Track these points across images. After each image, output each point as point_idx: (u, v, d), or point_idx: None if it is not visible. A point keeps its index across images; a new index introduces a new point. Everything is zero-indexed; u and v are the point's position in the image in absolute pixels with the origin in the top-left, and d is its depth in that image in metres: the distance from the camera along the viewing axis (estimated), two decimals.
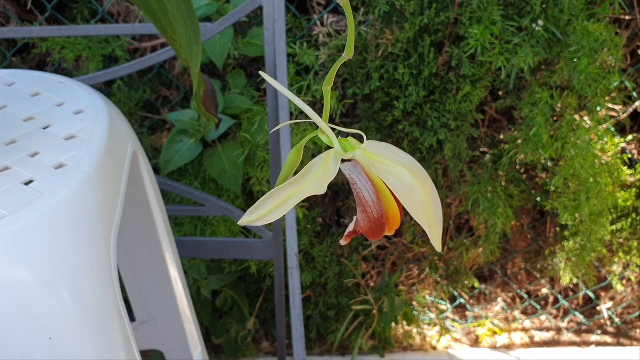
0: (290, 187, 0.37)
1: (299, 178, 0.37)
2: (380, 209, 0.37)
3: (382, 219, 0.37)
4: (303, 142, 0.39)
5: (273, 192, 0.37)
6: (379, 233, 0.38)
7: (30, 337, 0.47)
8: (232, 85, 1.18)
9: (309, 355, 1.42)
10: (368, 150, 0.38)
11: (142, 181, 0.77)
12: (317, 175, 0.37)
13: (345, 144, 0.38)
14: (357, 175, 0.38)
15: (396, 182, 0.37)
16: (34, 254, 0.47)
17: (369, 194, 0.37)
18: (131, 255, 0.85)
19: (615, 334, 1.49)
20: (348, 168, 0.38)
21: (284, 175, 0.40)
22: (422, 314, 1.45)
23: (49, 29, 0.98)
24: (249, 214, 0.38)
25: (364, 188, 0.38)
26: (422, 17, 1.03)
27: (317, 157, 0.38)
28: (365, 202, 0.38)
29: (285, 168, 0.40)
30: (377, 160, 0.37)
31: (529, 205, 1.30)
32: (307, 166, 0.38)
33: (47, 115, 0.64)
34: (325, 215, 1.34)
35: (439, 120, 1.09)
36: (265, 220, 0.38)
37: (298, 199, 0.37)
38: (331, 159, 0.38)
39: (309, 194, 0.37)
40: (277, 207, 0.37)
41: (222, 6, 1.11)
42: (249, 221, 0.38)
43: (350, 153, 0.38)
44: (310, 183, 0.37)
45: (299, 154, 0.40)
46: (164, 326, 0.91)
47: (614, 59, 1.04)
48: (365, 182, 0.38)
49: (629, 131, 1.24)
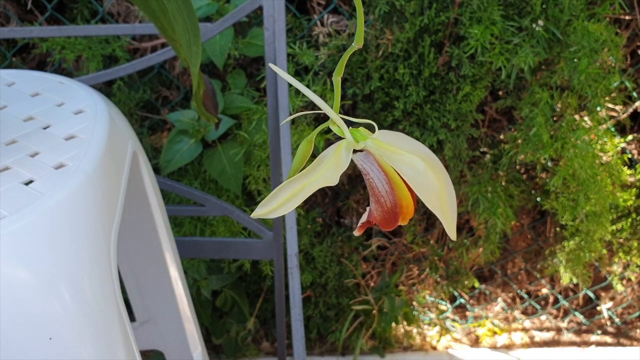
0: (303, 178, 0.37)
1: (310, 169, 0.37)
2: (393, 198, 0.37)
3: (395, 209, 0.37)
4: (314, 133, 0.39)
5: (285, 185, 0.37)
6: (393, 223, 0.38)
7: (30, 337, 0.47)
8: (232, 85, 1.18)
9: (309, 355, 1.42)
10: (380, 139, 0.38)
11: (142, 181, 0.77)
12: (329, 166, 0.37)
13: (356, 134, 0.38)
14: (369, 165, 0.37)
15: (409, 170, 0.36)
16: (34, 254, 0.47)
17: (382, 184, 0.37)
18: (131, 255, 0.85)
19: (615, 334, 1.49)
20: (360, 158, 0.38)
21: (295, 167, 0.40)
22: (422, 314, 1.45)
23: (49, 29, 0.98)
24: (261, 206, 0.37)
25: (377, 178, 0.37)
26: (422, 17, 1.03)
27: (329, 147, 0.38)
28: (378, 192, 0.37)
29: (296, 160, 0.40)
30: (390, 149, 0.37)
31: (529, 205, 1.30)
32: (319, 157, 0.37)
33: (47, 115, 0.64)
34: (325, 215, 1.33)
35: (439, 120, 1.09)
36: (278, 213, 0.37)
37: (310, 191, 0.37)
38: (343, 149, 0.38)
39: (321, 185, 0.37)
40: (290, 199, 0.37)
41: (222, 6, 1.11)
42: (261, 214, 0.37)
43: (361, 143, 0.37)
44: (323, 174, 0.37)
45: (310, 145, 0.40)
46: (164, 326, 0.91)
47: (614, 59, 1.04)
48: (377, 171, 0.37)
49: (629, 131, 1.24)
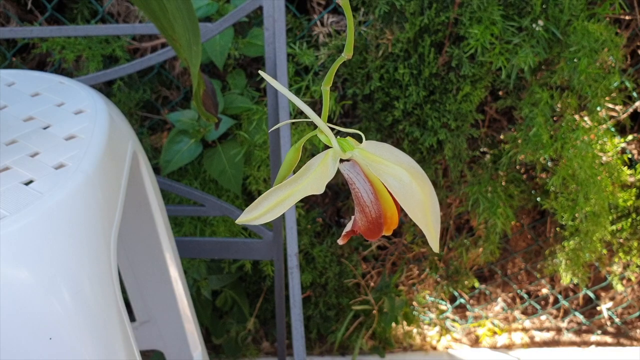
0: (289, 186, 0.37)
1: (297, 177, 0.37)
2: (378, 209, 0.37)
3: (379, 219, 0.37)
4: (301, 141, 0.39)
5: (271, 191, 0.37)
6: (377, 233, 0.38)
7: (30, 337, 0.47)
8: (232, 85, 1.18)
9: (309, 355, 1.42)
10: (366, 150, 0.38)
11: (142, 181, 0.77)
12: (315, 174, 0.37)
13: (343, 143, 0.38)
14: (355, 175, 0.38)
15: (394, 182, 0.37)
16: (34, 254, 0.47)
17: (367, 194, 0.37)
18: (131, 255, 0.85)
19: (615, 334, 1.49)
20: (346, 168, 0.38)
21: (282, 174, 0.40)
22: (422, 314, 1.45)
23: (49, 29, 0.98)
24: (246, 212, 0.38)
25: (362, 188, 0.37)
26: (422, 17, 1.03)
27: (316, 156, 0.38)
28: (363, 201, 0.37)
29: (284, 167, 0.40)
30: (376, 160, 0.37)
31: (529, 205, 1.30)
32: (306, 165, 0.37)
33: (47, 115, 0.64)
34: (325, 215, 1.33)
35: (439, 120, 1.09)
36: (263, 219, 0.38)
37: (296, 199, 0.37)
38: (330, 158, 0.38)
39: (307, 193, 0.37)
40: (275, 206, 0.37)
41: (222, 6, 1.11)
42: (246, 220, 0.38)
43: (348, 153, 0.38)
44: (309, 182, 0.37)
45: (298, 153, 0.40)
46: (164, 326, 0.91)
47: (614, 59, 1.04)
48: (363, 182, 0.37)
49: (629, 131, 1.24)
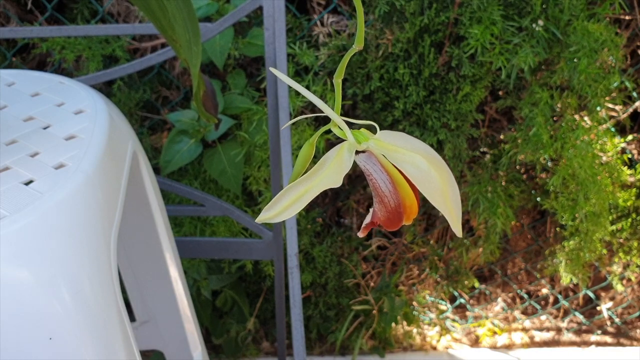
0: (306, 181, 0.37)
1: (313, 172, 0.37)
2: (397, 198, 0.37)
3: (399, 208, 0.37)
4: (315, 135, 0.39)
5: (289, 188, 0.37)
6: (397, 222, 0.38)
7: (30, 337, 0.47)
8: (232, 85, 1.18)
9: (309, 355, 1.42)
10: (382, 140, 0.38)
11: (142, 181, 0.77)
12: (331, 168, 0.37)
13: (358, 135, 0.38)
14: (372, 165, 0.38)
15: (413, 169, 0.37)
16: (34, 254, 0.47)
17: (385, 184, 0.37)
18: (131, 255, 0.85)
19: (615, 334, 1.49)
20: (362, 159, 0.38)
21: (297, 170, 0.40)
22: (422, 314, 1.45)
23: (49, 29, 0.98)
24: (266, 210, 0.37)
25: (380, 178, 0.37)
26: (422, 17, 1.03)
27: (331, 149, 0.38)
28: (381, 192, 0.37)
29: (298, 163, 0.40)
30: (392, 149, 0.37)
31: (529, 205, 1.30)
32: (321, 160, 0.37)
33: (47, 115, 0.64)
34: (325, 215, 1.33)
35: (439, 120, 1.09)
36: (282, 217, 0.37)
37: (314, 193, 0.37)
38: (345, 150, 0.38)
39: (325, 187, 0.37)
40: (294, 203, 0.37)
41: (222, 6, 1.11)
42: (266, 218, 0.38)
43: (364, 144, 0.38)
44: (326, 176, 0.37)
45: (312, 148, 0.40)
46: (164, 326, 0.91)
47: (614, 59, 1.04)
48: (380, 172, 0.37)
49: (629, 131, 1.24)
